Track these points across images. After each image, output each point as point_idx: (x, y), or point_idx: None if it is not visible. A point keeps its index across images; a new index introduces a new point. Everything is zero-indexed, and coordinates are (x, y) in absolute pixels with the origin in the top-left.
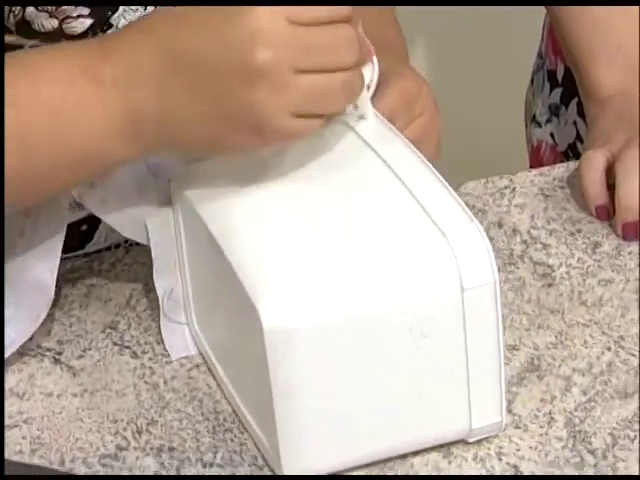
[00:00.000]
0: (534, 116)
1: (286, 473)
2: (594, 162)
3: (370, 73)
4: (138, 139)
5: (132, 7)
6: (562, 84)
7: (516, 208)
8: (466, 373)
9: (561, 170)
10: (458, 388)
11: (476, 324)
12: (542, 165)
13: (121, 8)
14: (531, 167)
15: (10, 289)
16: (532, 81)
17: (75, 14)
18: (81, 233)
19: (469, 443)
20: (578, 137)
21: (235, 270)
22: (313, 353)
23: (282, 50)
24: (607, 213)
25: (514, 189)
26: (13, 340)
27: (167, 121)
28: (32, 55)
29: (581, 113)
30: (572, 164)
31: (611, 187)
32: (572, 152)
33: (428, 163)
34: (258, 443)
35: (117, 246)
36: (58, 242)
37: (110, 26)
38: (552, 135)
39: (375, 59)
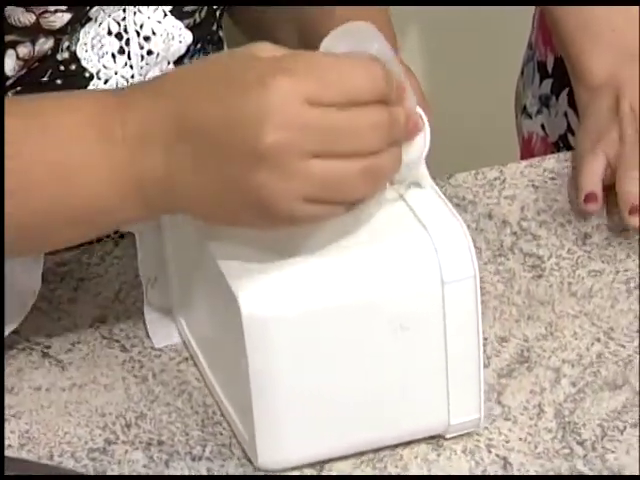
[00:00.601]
0: (524, 107)
1: (261, 464)
2: (593, 167)
3: (421, 145)
4: (144, 203)
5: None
6: (552, 75)
7: (506, 200)
8: (445, 368)
9: (551, 161)
10: (437, 383)
11: (456, 318)
12: (533, 156)
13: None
14: (522, 158)
15: None
16: (522, 72)
17: (53, 8)
18: None
19: (458, 435)
20: (569, 128)
21: (216, 259)
22: (291, 342)
23: (292, 134)
24: (596, 200)
25: (504, 180)
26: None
27: (173, 189)
28: (42, 102)
29: (572, 104)
30: (562, 155)
31: (606, 188)
32: (563, 143)
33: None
34: (237, 433)
35: (99, 240)
36: None
37: (89, 20)
38: (543, 126)
39: (427, 131)
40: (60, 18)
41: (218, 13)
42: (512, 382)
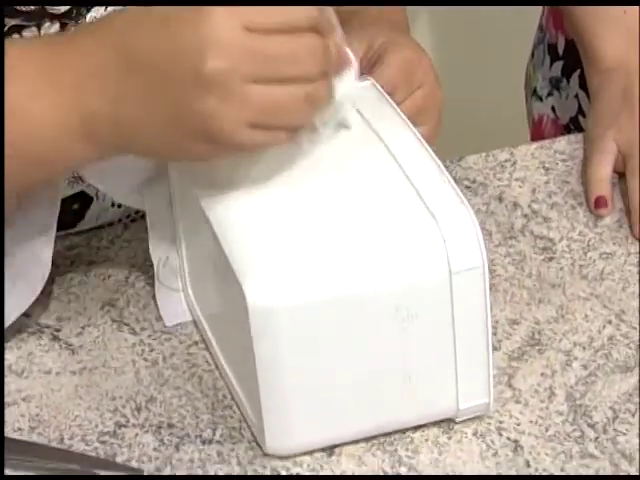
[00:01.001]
0: (535, 90)
1: (269, 447)
2: (602, 163)
3: (349, 83)
4: (94, 140)
5: None
6: (563, 57)
7: (517, 182)
8: (453, 355)
9: (562, 143)
10: (445, 369)
11: (464, 307)
12: (543, 139)
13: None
14: (532, 141)
15: (6, 263)
16: (532, 55)
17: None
18: (73, 212)
19: (469, 418)
20: (580, 110)
21: (223, 246)
22: (298, 331)
23: (235, 59)
24: (606, 205)
25: (515, 162)
26: (9, 313)
27: (122, 123)
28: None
29: (583, 86)
30: (573, 137)
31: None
32: (574, 125)
33: (425, 143)
34: (246, 416)
35: (110, 224)
36: (53, 217)
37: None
38: (553, 109)
39: (355, 69)
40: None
41: None
42: (523, 365)
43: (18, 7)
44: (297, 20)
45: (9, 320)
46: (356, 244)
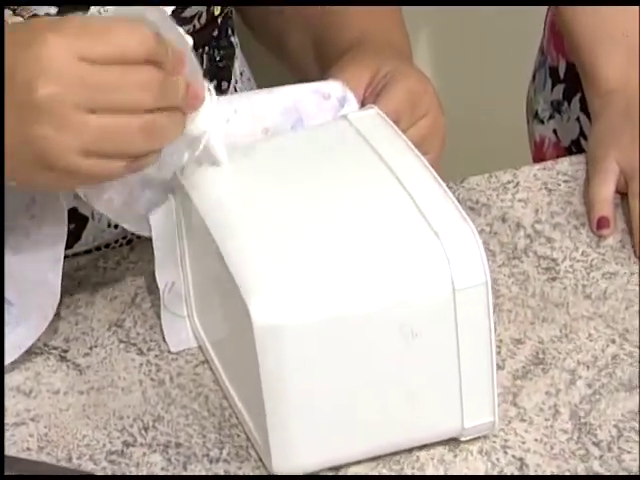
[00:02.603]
0: (536, 113)
1: (275, 468)
2: (604, 183)
3: (206, 118)
4: None
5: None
6: (564, 80)
7: (520, 202)
8: (458, 373)
9: (564, 164)
10: (450, 388)
11: (468, 325)
12: (545, 161)
13: (92, 7)
14: (534, 162)
15: (17, 291)
16: (534, 78)
17: (42, 12)
18: (69, 232)
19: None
20: (581, 133)
21: (228, 265)
22: (303, 350)
23: (65, 86)
24: (608, 226)
25: (518, 183)
26: (21, 343)
27: None
28: None
29: (584, 109)
30: (575, 158)
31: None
32: (575, 148)
33: (427, 163)
34: (252, 438)
35: (107, 246)
36: (60, 243)
37: None
38: (555, 131)
39: (210, 103)
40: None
41: (220, 20)
42: (527, 384)
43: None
44: (131, 51)
45: (22, 349)
46: (360, 263)
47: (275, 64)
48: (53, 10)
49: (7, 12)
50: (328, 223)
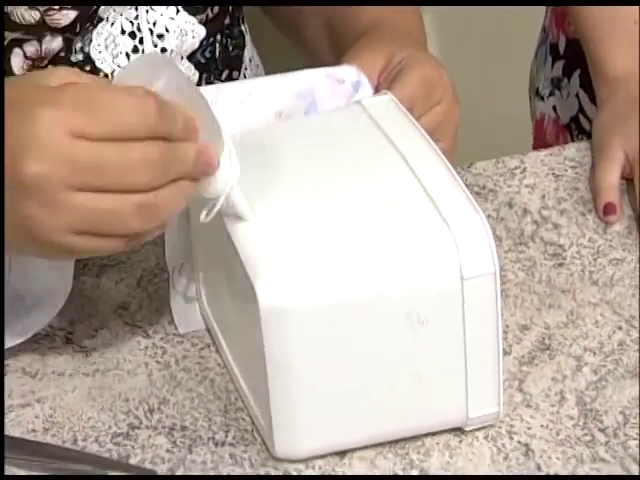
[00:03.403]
0: (537, 90)
1: (278, 452)
2: (610, 169)
3: (224, 180)
4: None
5: None
6: (564, 56)
7: (527, 188)
8: (464, 363)
9: (572, 150)
10: (455, 377)
11: (475, 314)
12: (545, 139)
13: None
14: (534, 140)
15: (31, 279)
16: (536, 55)
17: (58, 6)
18: None
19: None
20: (581, 109)
21: (236, 248)
22: (309, 333)
23: (54, 166)
24: (614, 211)
25: (525, 169)
26: (29, 329)
27: None
28: None
29: (584, 85)
30: (583, 144)
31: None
32: (575, 125)
33: (439, 151)
34: (256, 422)
35: None
36: None
37: (100, 20)
38: (554, 108)
39: (233, 164)
40: (66, 16)
41: (231, 8)
42: (533, 370)
43: (17, 20)
44: (130, 128)
45: (28, 335)
46: (369, 248)
47: (284, 50)
48: (64, 22)
49: (23, 7)
50: (338, 208)
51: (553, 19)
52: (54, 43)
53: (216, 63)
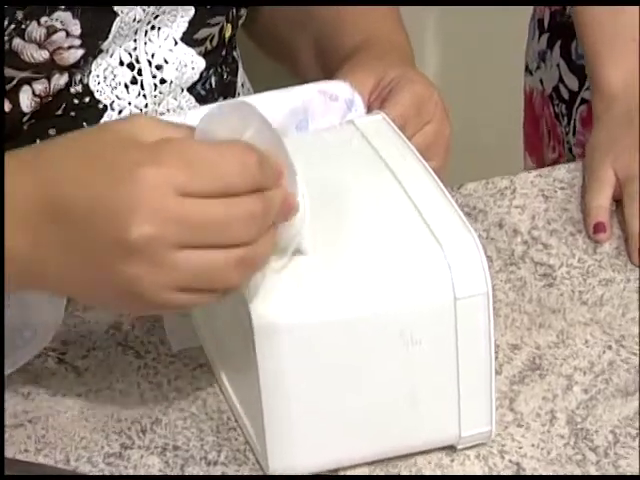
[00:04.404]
0: (527, 65)
1: (272, 469)
2: (602, 190)
3: (300, 220)
4: (8, 280)
5: (121, 32)
6: (548, 29)
7: (517, 209)
8: (456, 382)
9: (561, 171)
10: (448, 396)
11: (468, 334)
12: (534, 112)
13: (111, 35)
14: (525, 114)
15: (23, 308)
16: (528, 32)
17: (66, 45)
18: None
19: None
20: (560, 79)
21: None
22: (302, 351)
23: (160, 227)
24: (604, 230)
25: (514, 190)
26: (19, 360)
27: (42, 269)
28: None
29: (563, 55)
30: (572, 165)
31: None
32: (556, 94)
33: (431, 171)
34: (249, 440)
35: None
36: None
37: (100, 52)
38: (541, 81)
39: (306, 205)
40: (73, 54)
41: (228, 36)
42: (524, 389)
43: (27, 60)
44: (234, 183)
45: (19, 365)
46: (362, 268)
47: (273, 73)
48: (77, 42)
49: (33, 47)
50: (331, 228)
51: None
52: (61, 80)
53: (213, 93)
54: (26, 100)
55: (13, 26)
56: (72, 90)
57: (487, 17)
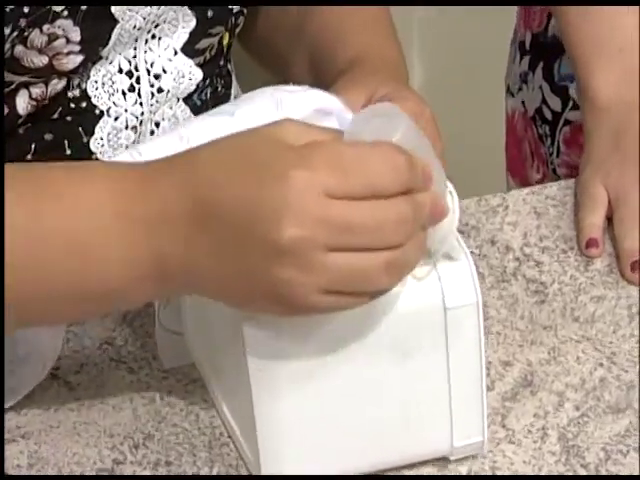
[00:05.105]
0: (508, 87)
1: None
2: (594, 207)
3: (450, 222)
4: (161, 283)
5: (122, 40)
6: (529, 51)
7: (509, 226)
8: (448, 392)
9: (553, 189)
10: (440, 407)
11: (459, 344)
12: (516, 134)
13: (111, 42)
14: (507, 136)
15: (20, 336)
16: (510, 55)
17: (66, 50)
18: None
19: (463, 457)
20: (543, 101)
21: None
22: (295, 364)
23: (311, 229)
24: (597, 246)
25: (507, 207)
26: (19, 390)
27: (192, 273)
28: (51, 171)
29: (546, 77)
30: (564, 183)
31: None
32: (538, 116)
33: None
34: (243, 455)
35: None
36: None
37: (100, 58)
38: (523, 103)
39: (456, 206)
40: (73, 60)
41: (226, 44)
42: (516, 406)
43: (26, 65)
44: (385, 185)
45: (18, 397)
46: None
47: (265, 84)
48: (76, 48)
49: (33, 53)
50: None
51: (522, 21)
52: (59, 85)
53: (207, 104)
54: (22, 103)
55: (16, 33)
56: (69, 94)
57: (474, 27)
